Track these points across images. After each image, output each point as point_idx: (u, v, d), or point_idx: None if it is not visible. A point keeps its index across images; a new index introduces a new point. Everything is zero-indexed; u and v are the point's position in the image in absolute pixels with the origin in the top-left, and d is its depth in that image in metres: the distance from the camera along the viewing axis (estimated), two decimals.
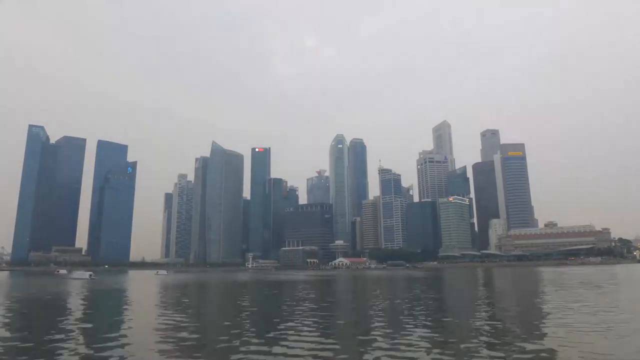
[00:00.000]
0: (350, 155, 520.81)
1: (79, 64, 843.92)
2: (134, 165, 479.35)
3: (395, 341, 19.90)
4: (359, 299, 49.65)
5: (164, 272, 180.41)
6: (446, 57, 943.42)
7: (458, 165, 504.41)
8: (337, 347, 19.05)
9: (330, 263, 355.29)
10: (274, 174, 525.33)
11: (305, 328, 24.30)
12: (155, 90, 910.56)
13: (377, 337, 20.97)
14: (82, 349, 18.82)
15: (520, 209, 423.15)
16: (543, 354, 17.00)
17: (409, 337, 20.68)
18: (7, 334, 23.14)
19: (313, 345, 19.07)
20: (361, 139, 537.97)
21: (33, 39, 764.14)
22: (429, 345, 18.83)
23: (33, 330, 24.80)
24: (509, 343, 19.28)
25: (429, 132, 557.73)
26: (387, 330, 23.24)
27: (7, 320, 28.98)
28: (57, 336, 21.87)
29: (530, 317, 28.56)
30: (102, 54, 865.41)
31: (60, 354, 17.61)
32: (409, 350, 17.87)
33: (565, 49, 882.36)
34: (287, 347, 18.82)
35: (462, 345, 18.67)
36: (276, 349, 18.27)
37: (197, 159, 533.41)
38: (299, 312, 32.42)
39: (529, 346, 18.32)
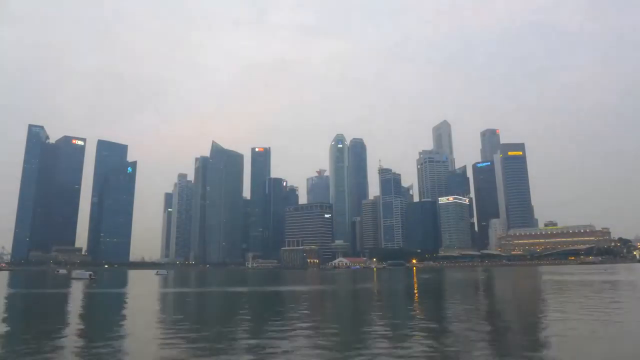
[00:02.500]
0: (350, 155, 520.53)
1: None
2: (134, 165, 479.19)
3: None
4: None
5: (163, 271, 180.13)
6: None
7: (458, 165, 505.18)
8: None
9: (330, 263, 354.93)
10: (274, 173, 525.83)
11: (305, 330, 24.23)
12: None
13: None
14: (81, 350, 18.77)
15: (520, 209, 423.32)
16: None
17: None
18: (7, 335, 23.06)
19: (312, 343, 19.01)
20: (361, 139, 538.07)
21: None
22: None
23: (32, 331, 24.72)
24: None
25: (429, 132, 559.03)
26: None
27: (6, 320, 28.92)
28: (58, 336, 21.82)
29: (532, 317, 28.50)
30: None
31: (59, 355, 17.55)
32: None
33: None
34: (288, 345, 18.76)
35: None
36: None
37: (197, 159, 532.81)
38: (300, 312, 32.37)
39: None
